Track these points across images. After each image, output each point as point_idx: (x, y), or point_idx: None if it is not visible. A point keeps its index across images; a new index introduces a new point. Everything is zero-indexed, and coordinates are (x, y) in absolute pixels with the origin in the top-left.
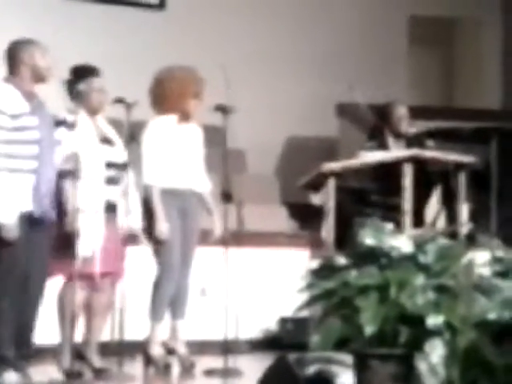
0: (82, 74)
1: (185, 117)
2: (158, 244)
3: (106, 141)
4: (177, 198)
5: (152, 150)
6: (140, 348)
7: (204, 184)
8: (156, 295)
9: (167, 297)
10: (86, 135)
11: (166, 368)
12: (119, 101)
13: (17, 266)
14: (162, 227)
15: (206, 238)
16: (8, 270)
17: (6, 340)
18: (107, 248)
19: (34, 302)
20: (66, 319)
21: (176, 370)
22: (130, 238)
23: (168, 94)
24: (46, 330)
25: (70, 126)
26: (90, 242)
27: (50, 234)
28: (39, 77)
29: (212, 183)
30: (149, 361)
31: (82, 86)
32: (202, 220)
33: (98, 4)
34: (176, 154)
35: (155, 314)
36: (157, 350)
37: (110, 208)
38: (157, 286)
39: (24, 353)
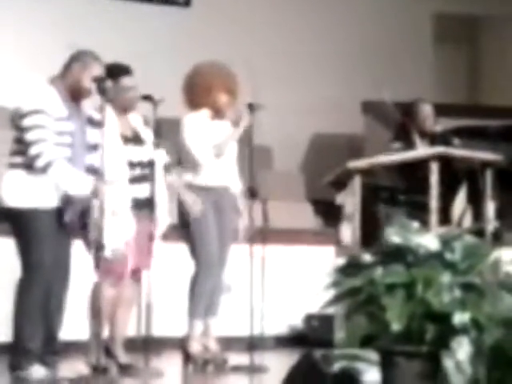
0: (113, 72)
1: (217, 113)
2: (192, 238)
3: (135, 139)
4: (212, 195)
5: (197, 139)
6: (167, 344)
7: (236, 183)
8: (194, 292)
9: (206, 294)
10: (111, 134)
11: (204, 365)
12: (146, 98)
13: (44, 260)
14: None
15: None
16: (36, 263)
17: (33, 334)
18: (137, 245)
19: (59, 298)
20: (98, 316)
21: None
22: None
23: (198, 88)
24: (75, 325)
25: (97, 124)
26: (117, 239)
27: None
28: (77, 93)
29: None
30: (188, 358)
31: (113, 85)
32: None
33: (123, 1)
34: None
35: (194, 311)
36: (196, 348)
37: (139, 204)
38: (195, 282)
39: (52, 348)
